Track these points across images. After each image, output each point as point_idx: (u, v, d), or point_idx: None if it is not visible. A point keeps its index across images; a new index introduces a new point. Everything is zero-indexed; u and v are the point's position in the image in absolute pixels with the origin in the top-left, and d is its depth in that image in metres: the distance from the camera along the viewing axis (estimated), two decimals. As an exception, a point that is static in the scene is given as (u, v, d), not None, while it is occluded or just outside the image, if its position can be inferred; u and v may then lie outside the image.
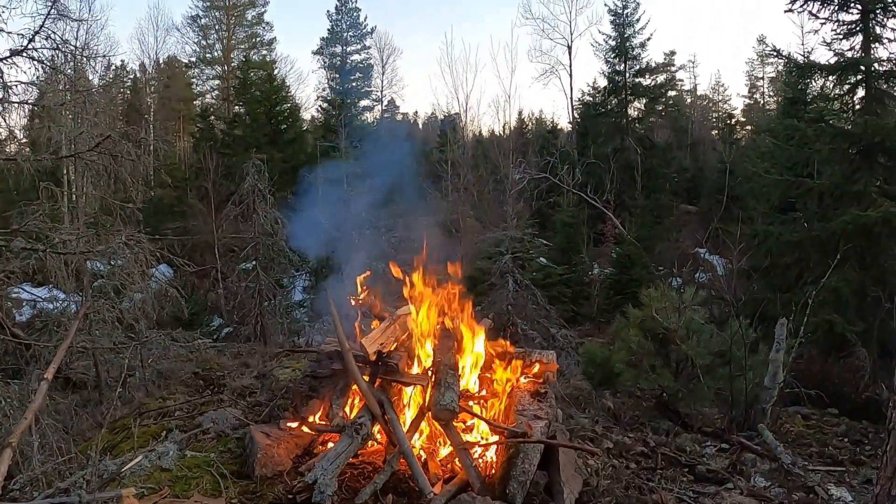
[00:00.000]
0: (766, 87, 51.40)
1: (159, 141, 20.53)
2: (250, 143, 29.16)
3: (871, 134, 12.63)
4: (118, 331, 8.88)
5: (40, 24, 7.76)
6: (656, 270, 21.74)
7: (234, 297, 19.97)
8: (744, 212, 17.96)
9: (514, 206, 21.86)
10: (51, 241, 7.78)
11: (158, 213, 25.81)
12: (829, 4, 14.00)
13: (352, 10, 42.59)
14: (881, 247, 12.55)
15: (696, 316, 9.25)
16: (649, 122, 38.19)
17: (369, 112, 45.41)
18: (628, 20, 36.65)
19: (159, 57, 44.44)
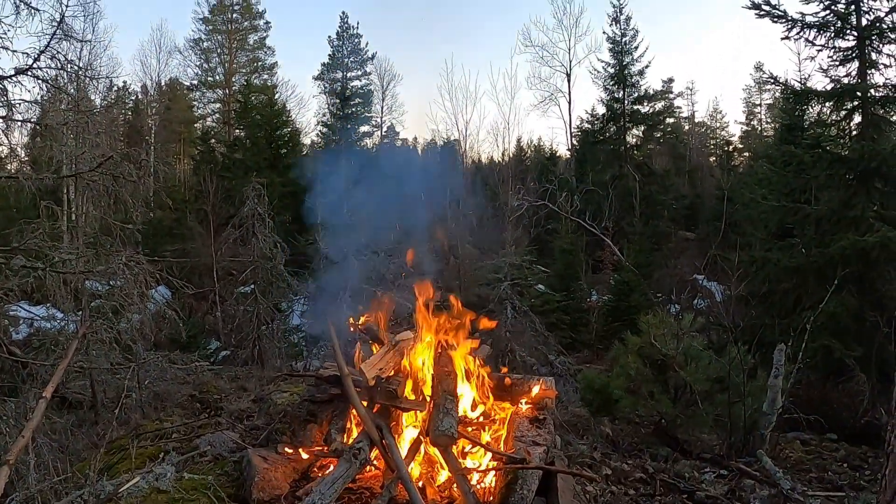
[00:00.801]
0: (763, 114, 51.79)
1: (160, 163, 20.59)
2: (250, 166, 29.26)
3: (867, 159, 12.72)
4: (115, 351, 8.86)
5: (46, 44, 7.83)
6: (655, 297, 21.74)
7: (231, 321, 19.92)
8: (742, 238, 17.99)
9: (512, 232, 21.93)
10: (51, 259, 7.79)
11: (157, 235, 25.82)
12: (825, 31, 14.15)
13: (353, 37, 42.93)
14: (879, 271, 12.58)
15: (695, 342, 9.25)
16: (647, 149, 38.41)
17: (369, 138, 45.64)
18: (627, 48, 36.97)
19: (161, 79, 44.71)
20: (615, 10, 37.12)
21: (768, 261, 14.50)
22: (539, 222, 28.79)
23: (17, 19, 7.51)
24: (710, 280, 23.54)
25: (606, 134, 38.27)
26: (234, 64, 44.40)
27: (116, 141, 23.67)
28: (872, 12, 13.78)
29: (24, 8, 7.45)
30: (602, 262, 30.09)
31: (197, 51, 44.33)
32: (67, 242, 11.47)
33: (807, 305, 12.53)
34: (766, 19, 14.34)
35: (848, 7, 13.95)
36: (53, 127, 9.23)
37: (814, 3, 14.28)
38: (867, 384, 11.12)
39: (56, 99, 9.86)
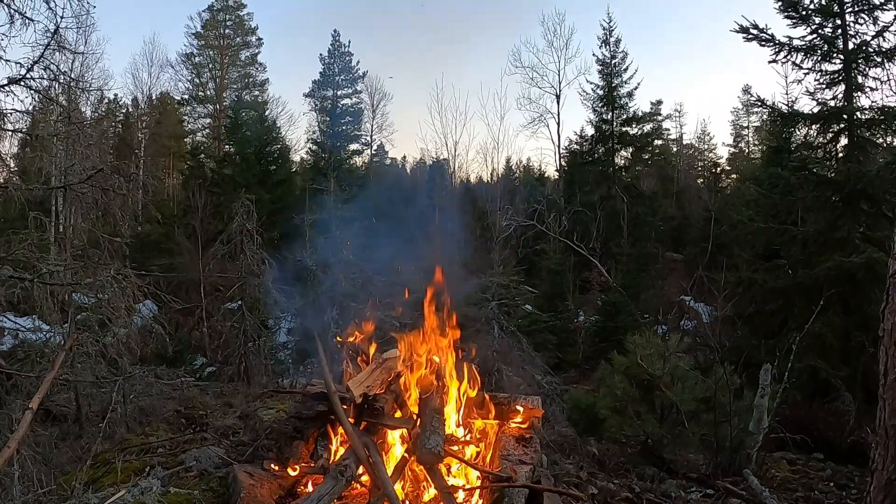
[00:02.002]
0: (750, 136, 52.23)
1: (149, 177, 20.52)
2: (239, 182, 29.18)
3: (853, 181, 12.89)
4: (101, 365, 8.80)
5: (40, 55, 7.84)
6: (642, 318, 21.78)
7: (218, 337, 19.83)
8: (729, 259, 18.12)
9: (500, 252, 21.95)
10: (38, 271, 7.75)
11: (145, 249, 25.73)
12: (812, 55, 14.37)
13: (344, 55, 43.04)
14: (864, 292, 12.67)
15: (681, 363, 9.30)
16: (636, 171, 38.64)
17: (359, 156, 45.67)
18: (616, 70, 37.28)
19: (152, 92, 44.76)
20: (605, 32, 37.52)
21: (755, 282, 14.63)
22: (527, 242, 28.87)
23: (10, 29, 7.52)
24: (697, 301, 23.61)
25: (595, 155, 38.50)
26: (225, 79, 44.48)
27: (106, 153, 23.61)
28: (859, 36, 14.04)
29: (18, 18, 7.46)
30: (589, 282, 30.15)
31: (188, 65, 44.38)
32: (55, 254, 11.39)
33: (793, 326, 12.65)
34: (755, 43, 14.56)
35: (835, 31, 14.19)
36: (44, 138, 9.21)
37: (801, 28, 14.53)
38: (853, 404, 11.20)
39: (47, 109, 9.85)
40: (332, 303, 20.23)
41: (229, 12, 44.70)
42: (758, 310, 14.70)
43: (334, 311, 19.93)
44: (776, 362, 8.56)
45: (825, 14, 14.24)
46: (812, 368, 12.01)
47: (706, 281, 17.76)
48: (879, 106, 13.76)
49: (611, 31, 37.34)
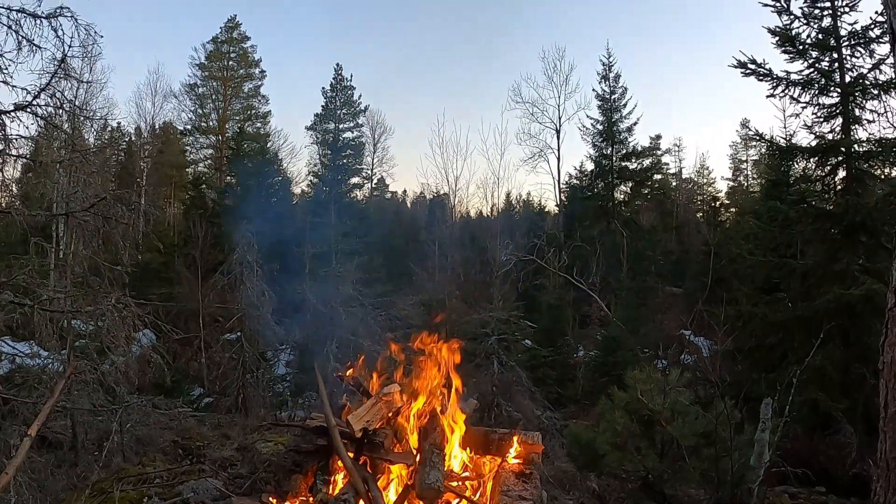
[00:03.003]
0: (749, 170, 52.36)
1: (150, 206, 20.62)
2: (240, 214, 29.28)
3: (852, 213, 12.93)
4: (99, 393, 8.76)
5: (46, 82, 7.92)
6: (641, 352, 21.73)
7: (217, 367, 19.77)
8: (728, 293, 18.10)
9: (500, 287, 21.97)
10: (38, 297, 7.75)
11: (145, 278, 25.65)
12: (809, 89, 14.51)
13: (346, 88, 43.41)
14: (864, 324, 12.64)
15: (682, 397, 9.26)
16: (635, 205, 38.74)
17: (359, 189, 45.87)
18: (615, 105, 37.52)
19: (155, 122, 45.10)
20: (604, 67, 37.83)
21: (754, 315, 14.61)
22: (527, 277, 28.87)
23: (18, 55, 7.61)
24: (697, 335, 23.58)
25: (595, 190, 38.62)
26: (228, 111, 44.69)
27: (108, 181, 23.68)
28: (855, 69, 14.19)
29: (26, 44, 7.55)
30: (589, 317, 30.10)
31: (192, 96, 44.60)
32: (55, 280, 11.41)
33: (793, 359, 12.60)
34: (752, 77, 14.70)
35: (831, 65, 14.36)
36: (47, 164, 9.27)
37: (798, 62, 14.69)
38: (854, 436, 11.14)
39: (51, 136, 9.94)
40: (331, 336, 20.21)
41: (233, 44, 45.10)
42: (758, 343, 14.66)
43: (334, 345, 19.91)
44: (776, 396, 8.52)
45: (822, 48, 14.41)
46: (813, 401, 11.95)
47: (706, 315, 17.75)
48: (877, 138, 13.87)
49: (610, 67, 37.71)
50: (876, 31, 13.65)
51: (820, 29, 14.48)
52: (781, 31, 14.66)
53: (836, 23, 14.27)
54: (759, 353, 14.64)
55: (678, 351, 21.69)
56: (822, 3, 14.40)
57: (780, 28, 14.70)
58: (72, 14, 8.09)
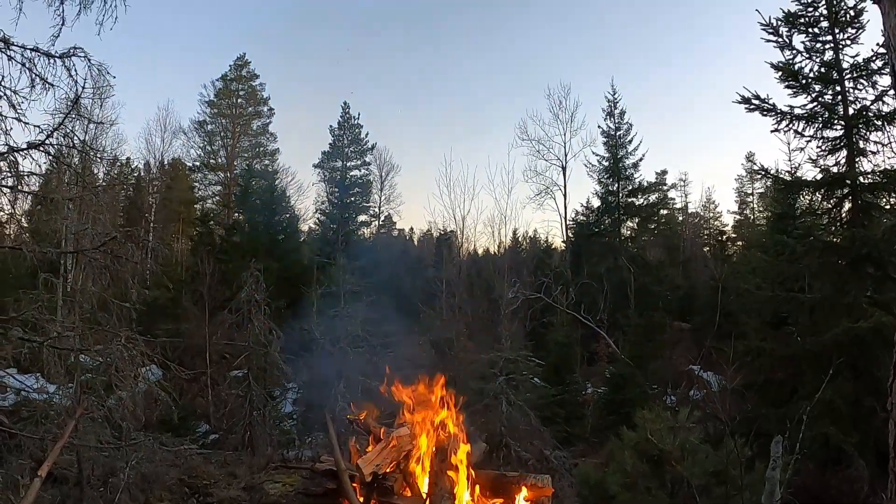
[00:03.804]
0: (755, 203, 52.30)
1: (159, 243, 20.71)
2: (248, 250, 29.36)
3: (859, 245, 12.92)
4: (105, 429, 8.73)
5: (59, 122, 8.06)
6: (650, 389, 21.58)
7: (223, 405, 19.71)
8: (736, 328, 18.00)
9: (508, 326, 21.95)
10: (48, 333, 7.79)
11: (152, 313, 25.64)
12: (813, 122, 14.60)
13: (354, 127, 43.82)
14: (873, 356, 12.54)
15: (691, 435, 9.19)
16: (642, 241, 38.76)
17: (367, 227, 46.05)
18: (621, 141, 37.69)
19: (164, 158, 45.43)
20: (609, 104, 38.10)
21: (763, 350, 14.54)
22: (534, 315, 28.83)
23: (31, 92, 7.75)
24: (706, 370, 23.42)
25: (601, 226, 38.67)
26: (236, 148, 45.10)
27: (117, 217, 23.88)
28: (858, 101, 14.28)
29: (39, 82, 7.70)
30: (597, 354, 29.95)
31: (201, 133, 45.09)
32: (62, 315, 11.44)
33: (803, 394, 12.49)
34: (756, 113, 14.79)
35: (835, 98, 14.46)
36: (58, 201, 9.37)
37: (802, 96, 14.80)
38: (866, 470, 11.00)
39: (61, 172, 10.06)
40: (339, 376, 20.17)
41: (242, 82, 45.68)
42: (767, 379, 14.56)
43: (342, 385, 19.86)
44: (787, 433, 8.44)
45: (825, 81, 14.53)
46: (823, 436, 11.84)
47: (714, 351, 17.67)
48: (882, 169, 13.92)
49: (615, 104, 37.98)
50: (878, 63, 13.78)
51: (822, 62, 14.62)
52: (784, 65, 14.80)
53: (838, 56, 14.42)
54: (769, 389, 14.54)
55: (687, 387, 21.52)
56: (824, 37, 14.57)
57: (783, 63, 14.84)
58: (85, 54, 8.25)
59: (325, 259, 30.49)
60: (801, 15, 14.77)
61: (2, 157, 7.75)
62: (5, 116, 7.71)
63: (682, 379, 21.75)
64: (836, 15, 14.29)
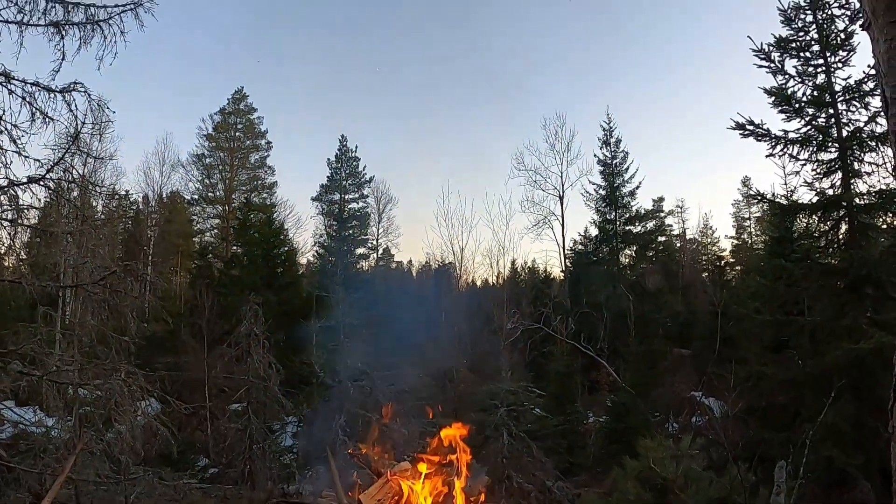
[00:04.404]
0: (752, 227, 52.39)
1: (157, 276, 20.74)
2: (246, 284, 29.32)
3: (857, 267, 12.97)
4: (104, 463, 8.66)
5: (59, 157, 8.13)
6: (652, 417, 21.47)
7: (223, 439, 19.60)
8: (737, 352, 17.95)
9: (508, 357, 21.92)
10: (47, 367, 7.76)
11: (150, 346, 25.55)
12: (808, 146, 14.70)
13: (351, 160, 44.01)
14: (875, 377, 12.51)
15: (694, 463, 9.14)
16: (640, 269, 38.73)
17: (365, 260, 46.04)
18: (617, 170, 37.83)
19: (163, 191, 45.74)
20: (605, 133, 38.27)
21: (764, 375, 14.53)
22: (534, 345, 28.77)
23: (31, 126, 7.82)
24: (708, 396, 23.33)
25: (600, 255, 38.72)
26: (234, 181, 45.26)
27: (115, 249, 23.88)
28: (852, 123, 14.40)
29: (39, 116, 7.77)
30: (598, 383, 29.84)
31: (199, 166, 45.28)
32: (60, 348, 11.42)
33: (806, 417, 12.44)
34: (751, 138, 14.90)
35: (828, 120, 14.60)
36: (58, 235, 9.41)
37: (795, 121, 14.93)
38: (871, 492, 10.92)
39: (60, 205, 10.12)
40: (339, 409, 20.11)
41: (240, 116, 45.96)
42: (769, 403, 14.51)
43: (342, 418, 19.78)
44: (790, 457, 8.40)
45: (818, 105, 14.67)
46: (827, 458, 11.76)
47: (715, 376, 17.60)
48: (877, 190, 13.98)
49: (611, 132, 38.17)
50: (870, 84, 13.95)
51: (815, 86, 14.78)
52: (777, 90, 14.95)
53: (830, 79, 14.58)
54: (771, 413, 14.48)
55: (689, 414, 21.42)
56: (816, 61, 14.74)
57: (776, 88, 15.00)
58: (85, 90, 8.35)
59: (323, 292, 30.43)
60: (792, 40, 14.96)
61: (2, 191, 7.80)
62: (6, 150, 7.78)
63: (684, 406, 21.67)
64: (828, 38, 14.47)
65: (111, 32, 8.95)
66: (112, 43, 8.88)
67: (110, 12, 9.02)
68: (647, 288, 36.97)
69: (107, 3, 8.98)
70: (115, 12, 9.11)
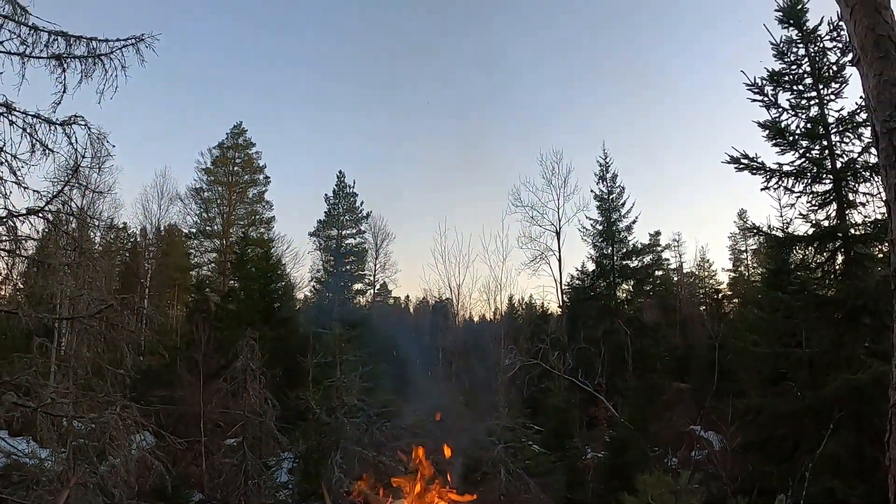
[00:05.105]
0: (749, 259, 52.40)
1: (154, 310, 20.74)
2: (243, 318, 29.23)
3: (854, 297, 13.01)
4: (98, 497, 8.57)
5: (59, 190, 8.17)
6: (651, 451, 21.31)
7: (218, 474, 19.42)
8: (736, 385, 17.90)
9: (506, 394, 21.83)
10: (42, 399, 7.72)
11: (146, 380, 25.38)
12: (802, 178, 14.82)
13: (349, 195, 44.21)
14: (874, 407, 12.38)
15: (693, 499, 9.08)
16: (638, 303, 38.64)
17: (362, 295, 46.02)
18: (614, 205, 37.91)
19: (161, 224, 45.72)
20: (601, 168, 38.39)
21: (763, 408, 14.48)
22: (532, 381, 28.63)
23: (31, 157, 7.88)
24: (707, 430, 23.20)
25: (597, 290, 38.60)
26: (232, 215, 45.37)
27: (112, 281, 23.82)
28: (846, 154, 14.52)
29: (39, 147, 7.83)
30: (596, 418, 29.62)
31: (198, 200, 45.38)
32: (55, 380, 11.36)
33: (805, 449, 12.37)
34: (746, 172, 15.01)
35: (822, 152, 14.75)
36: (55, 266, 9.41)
37: (790, 153, 15.07)
38: (873, 521, 10.82)
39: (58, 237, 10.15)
40: (335, 446, 19.98)
41: (239, 150, 46.21)
42: (769, 436, 14.42)
43: (338, 455, 19.65)
44: (790, 490, 8.35)
45: (812, 137, 14.82)
46: (828, 490, 11.65)
47: (713, 410, 17.55)
48: (872, 220, 14.05)
49: (607, 167, 38.28)
50: (863, 115, 14.03)
51: (808, 118, 14.95)
52: (771, 124, 15.11)
53: (823, 111, 14.75)
54: (771, 446, 14.41)
55: (688, 448, 21.28)
56: (809, 94, 14.92)
57: (770, 121, 15.15)
58: (85, 123, 8.43)
59: (320, 328, 30.35)
60: (785, 73, 15.17)
61: (1, 222, 7.84)
62: (5, 181, 7.83)
63: (683, 440, 21.53)
64: (820, 71, 14.66)
65: (112, 66, 9.05)
66: (113, 77, 8.98)
67: (112, 46, 9.13)
68: (645, 322, 36.90)
69: (108, 37, 9.09)
70: (116, 46, 9.21)
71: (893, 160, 3.51)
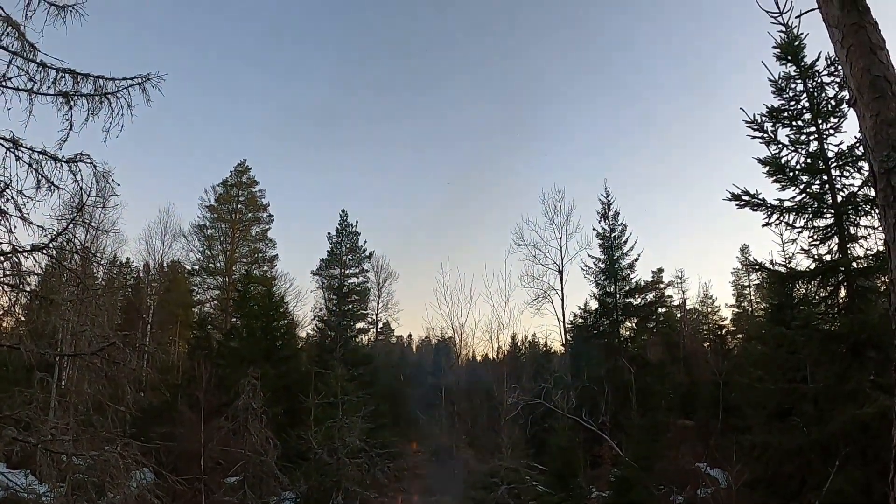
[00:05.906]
0: (752, 294, 52.16)
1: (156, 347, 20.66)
2: (245, 356, 29.15)
3: (857, 331, 12.94)
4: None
5: (64, 228, 8.21)
6: (656, 490, 21.07)
7: (218, 514, 19.27)
8: (741, 421, 17.74)
9: (509, 434, 21.72)
10: (42, 435, 7.67)
11: (147, 417, 25.21)
12: (803, 214, 14.84)
13: (352, 234, 44.27)
14: (881, 441, 12.19)
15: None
16: (641, 340, 38.44)
17: (365, 334, 45.92)
18: (616, 243, 37.88)
19: (164, 260, 45.86)
20: (603, 206, 38.42)
21: (769, 444, 14.30)
22: (535, 420, 28.45)
23: (37, 193, 7.92)
24: (713, 467, 22.96)
25: (600, 328, 38.42)
26: (235, 253, 45.55)
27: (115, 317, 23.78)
28: (846, 188, 14.56)
29: (45, 183, 7.88)
30: (601, 457, 29.34)
31: (201, 237, 45.59)
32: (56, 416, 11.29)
33: (812, 485, 12.21)
34: (747, 209, 15.04)
35: (822, 187, 14.79)
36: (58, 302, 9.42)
37: (790, 189, 15.11)
38: (883, 556, 10.59)
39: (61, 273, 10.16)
40: (337, 487, 19.84)
41: (242, 188, 46.58)
42: (775, 473, 14.22)
43: (340, 496, 19.52)
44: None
45: (812, 172, 14.88)
46: (836, 527, 11.47)
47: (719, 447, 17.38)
48: (874, 253, 14.04)
49: (609, 205, 38.32)
50: (862, 149, 14.06)
51: (808, 153, 15.03)
52: (771, 160, 15.19)
53: (822, 146, 14.84)
54: (777, 482, 14.22)
55: (694, 487, 21.05)
56: (808, 129, 15.01)
57: (770, 158, 15.23)
58: (91, 161, 8.50)
59: (322, 368, 30.25)
60: (784, 109, 15.28)
61: (6, 257, 7.87)
62: (10, 216, 7.88)
63: (689, 478, 21.31)
64: (818, 106, 14.77)
65: (119, 105, 9.13)
66: (119, 115, 9.06)
67: (118, 85, 9.23)
68: (649, 360, 36.70)
69: (115, 76, 9.19)
70: (123, 86, 9.30)
71: (891, 200, 3.54)
